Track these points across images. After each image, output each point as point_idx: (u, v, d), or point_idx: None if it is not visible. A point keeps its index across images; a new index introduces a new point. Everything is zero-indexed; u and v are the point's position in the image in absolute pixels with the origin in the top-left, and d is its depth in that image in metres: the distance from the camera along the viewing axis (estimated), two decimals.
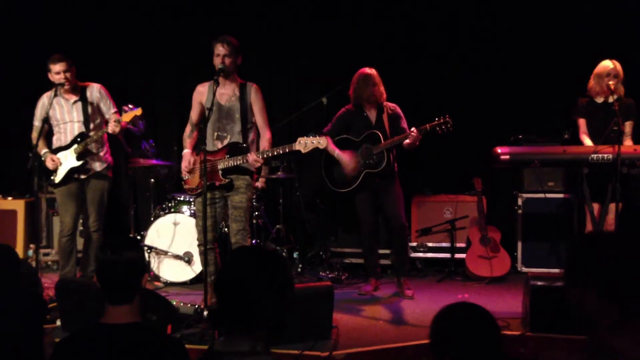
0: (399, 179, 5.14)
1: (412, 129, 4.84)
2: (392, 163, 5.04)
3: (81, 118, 4.92)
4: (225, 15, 6.63)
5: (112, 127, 4.71)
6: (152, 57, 6.90)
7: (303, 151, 4.24)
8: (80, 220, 5.34)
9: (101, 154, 5.01)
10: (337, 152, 5.03)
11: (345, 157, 4.99)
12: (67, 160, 4.89)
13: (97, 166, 4.98)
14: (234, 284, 1.77)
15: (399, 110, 5.15)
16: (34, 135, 4.93)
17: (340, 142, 5.10)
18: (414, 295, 5.03)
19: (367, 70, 5.06)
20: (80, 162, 4.87)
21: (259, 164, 4.41)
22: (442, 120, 4.80)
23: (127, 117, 4.71)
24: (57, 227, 6.23)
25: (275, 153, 4.35)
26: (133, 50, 6.88)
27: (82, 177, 4.94)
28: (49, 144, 5.00)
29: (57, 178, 4.90)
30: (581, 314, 1.64)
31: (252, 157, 4.33)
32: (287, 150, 4.29)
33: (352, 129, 5.12)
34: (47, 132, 5.02)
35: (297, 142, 4.24)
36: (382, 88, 5.07)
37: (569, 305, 1.66)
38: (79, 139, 4.88)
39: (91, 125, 4.93)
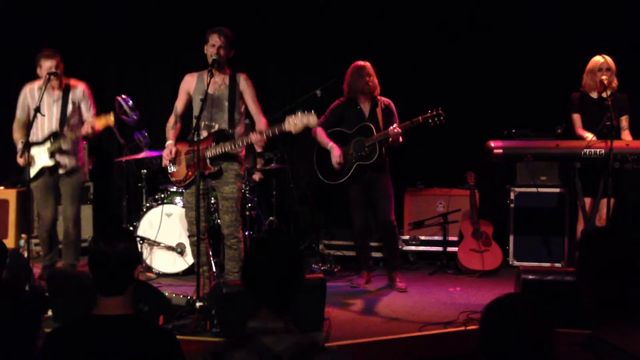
0: (391, 172, 5.13)
1: (394, 124, 4.84)
2: (384, 156, 5.03)
3: (58, 115, 4.90)
4: (221, 6, 6.59)
5: (85, 129, 4.80)
6: (147, 47, 6.86)
7: (294, 132, 4.07)
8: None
9: (75, 151, 5.01)
10: (330, 144, 5.02)
11: (335, 150, 4.98)
12: (41, 159, 4.89)
13: (71, 164, 4.97)
14: (271, 269, 1.87)
15: (392, 106, 5.13)
16: (15, 126, 4.97)
17: (333, 135, 5.09)
18: (407, 288, 5.04)
19: (361, 62, 5.05)
20: (52, 162, 4.88)
21: (262, 143, 4.23)
22: (434, 113, 4.79)
23: (99, 125, 4.80)
24: None
25: (277, 132, 4.17)
26: (128, 41, 6.83)
27: (58, 172, 4.95)
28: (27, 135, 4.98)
29: (31, 174, 4.85)
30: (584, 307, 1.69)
31: (254, 136, 4.20)
32: (276, 131, 4.14)
33: (345, 122, 5.11)
34: (27, 123, 4.97)
35: (287, 122, 4.06)
36: (376, 80, 5.05)
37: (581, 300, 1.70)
38: (52, 139, 4.87)
39: (66, 124, 4.91)
